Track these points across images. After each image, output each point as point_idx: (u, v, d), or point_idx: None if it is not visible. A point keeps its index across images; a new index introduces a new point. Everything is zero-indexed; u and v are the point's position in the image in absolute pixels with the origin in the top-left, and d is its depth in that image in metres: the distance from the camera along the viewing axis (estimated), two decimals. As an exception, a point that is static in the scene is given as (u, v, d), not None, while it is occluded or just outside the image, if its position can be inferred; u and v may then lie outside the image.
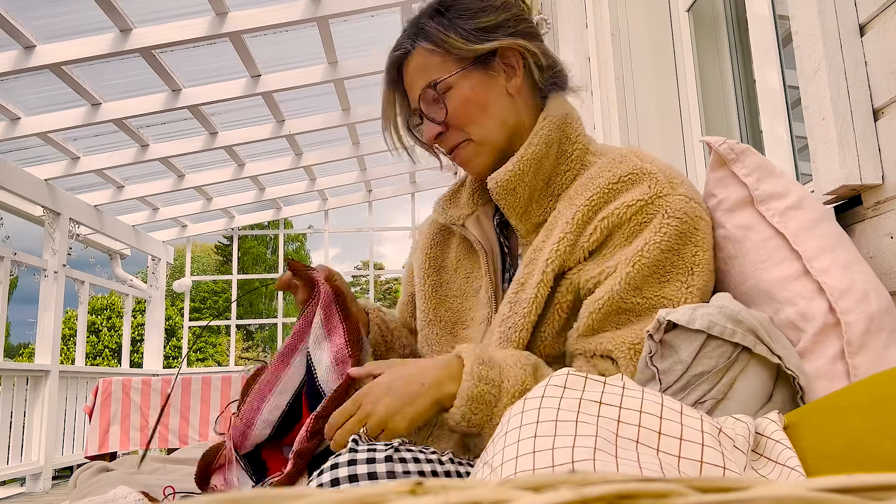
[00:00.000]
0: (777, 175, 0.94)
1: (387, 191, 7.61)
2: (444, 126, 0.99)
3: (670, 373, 0.76)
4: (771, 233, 0.90)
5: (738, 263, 0.93)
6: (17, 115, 4.32)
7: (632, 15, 2.17)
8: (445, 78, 0.97)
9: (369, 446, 0.69)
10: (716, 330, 0.74)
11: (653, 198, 0.88)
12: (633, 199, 0.89)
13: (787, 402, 0.76)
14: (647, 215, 0.88)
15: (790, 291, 0.86)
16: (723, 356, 0.73)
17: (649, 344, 0.79)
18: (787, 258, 0.88)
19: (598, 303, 0.87)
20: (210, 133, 5.14)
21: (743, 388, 0.73)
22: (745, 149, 0.96)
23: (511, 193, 0.96)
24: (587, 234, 0.90)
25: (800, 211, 0.90)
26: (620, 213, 0.89)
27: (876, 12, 0.95)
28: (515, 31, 0.99)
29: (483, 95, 0.97)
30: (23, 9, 3.49)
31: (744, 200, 0.94)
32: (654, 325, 0.79)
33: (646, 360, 0.79)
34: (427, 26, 0.99)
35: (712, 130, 2.06)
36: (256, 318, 24.01)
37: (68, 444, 5.50)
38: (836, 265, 0.84)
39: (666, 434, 0.53)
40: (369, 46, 4.61)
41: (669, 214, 0.87)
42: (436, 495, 0.17)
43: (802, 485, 0.17)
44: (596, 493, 0.17)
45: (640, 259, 0.86)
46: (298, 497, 0.17)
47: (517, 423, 0.54)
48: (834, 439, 0.54)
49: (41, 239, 5.36)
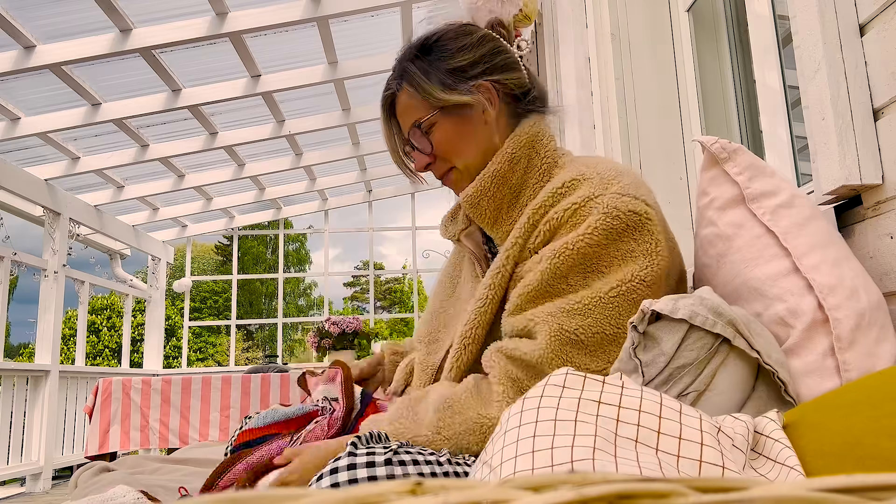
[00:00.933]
0: (768, 174, 0.95)
1: (387, 191, 7.61)
2: (432, 157, 1.11)
3: (653, 365, 0.76)
4: (761, 230, 0.91)
5: (729, 260, 0.94)
6: (17, 115, 4.32)
7: (632, 15, 2.17)
8: (428, 118, 1.08)
9: (368, 449, 0.69)
10: (698, 320, 0.74)
11: (586, 200, 0.94)
12: (570, 202, 0.95)
13: (772, 395, 0.77)
14: (581, 217, 0.94)
15: (779, 288, 0.87)
16: (703, 348, 0.74)
17: (633, 336, 0.79)
18: (777, 255, 0.89)
19: (527, 287, 0.94)
20: (210, 133, 5.14)
21: (724, 380, 0.74)
22: (736, 148, 0.97)
23: (476, 206, 1.06)
24: (534, 237, 0.98)
25: (791, 209, 0.91)
26: (559, 216, 0.96)
27: (876, 12, 0.95)
28: (492, 65, 1.08)
29: (462, 130, 1.08)
30: (23, 9, 3.49)
31: (735, 199, 0.95)
32: (637, 316, 0.79)
33: (629, 352, 0.79)
34: (409, 70, 1.10)
35: (712, 130, 2.06)
36: (257, 318, 24.02)
37: (68, 444, 5.50)
38: (826, 262, 0.84)
39: (665, 433, 0.53)
40: (369, 46, 4.61)
41: (601, 212, 0.92)
42: (436, 495, 0.17)
43: (802, 485, 0.17)
44: (596, 493, 0.17)
45: (565, 251, 0.92)
46: (298, 497, 0.17)
47: (516, 422, 0.54)
48: (833, 438, 0.54)
49: (41, 239, 5.36)
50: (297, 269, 27.01)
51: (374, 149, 6.13)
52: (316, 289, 27.99)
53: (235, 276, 7.96)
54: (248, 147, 5.53)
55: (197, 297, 23.46)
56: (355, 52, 4.60)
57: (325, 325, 4.05)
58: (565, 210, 0.95)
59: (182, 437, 4.44)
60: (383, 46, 4.64)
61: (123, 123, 4.60)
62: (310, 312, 26.53)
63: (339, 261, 33.93)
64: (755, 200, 0.93)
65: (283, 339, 10.38)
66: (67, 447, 5.48)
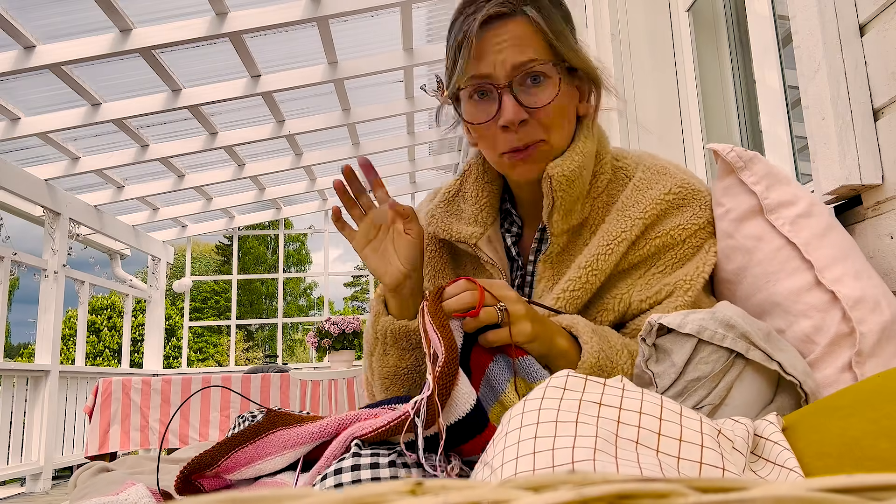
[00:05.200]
0: (785, 182, 0.92)
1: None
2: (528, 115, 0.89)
3: (664, 376, 0.76)
4: (781, 242, 0.89)
5: (750, 274, 0.91)
6: (17, 115, 4.32)
7: (632, 15, 2.17)
8: (551, 65, 0.88)
9: (372, 451, 0.69)
10: (706, 335, 0.73)
11: (705, 223, 0.95)
12: (688, 221, 0.94)
13: (792, 408, 0.75)
14: (700, 239, 0.94)
15: (803, 304, 0.84)
16: (719, 361, 0.73)
17: (643, 348, 0.79)
18: (800, 268, 0.86)
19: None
20: (210, 133, 5.14)
21: (740, 394, 0.73)
22: (752, 156, 0.94)
23: (571, 185, 0.92)
24: (637, 248, 0.94)
25: (810, 219, 0.88)
26: (675, 234, 0.93)
27: (876, 12, 0.95)
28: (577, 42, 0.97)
29: (570, 105, 0.93)
30: (23, 9, 3.49)
31: (753, 210, 0.92)
32: (645, 329, 0.79)
33: (641, 365, 0.79)
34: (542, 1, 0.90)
35: (712, 130, 2.06)
36: (257, 318, 24.02)
37: (68, 444, 5.50)
38: (848, 274, 0.83)
39: (665, 435, 0.53)
40: (369, 46, 4.62)
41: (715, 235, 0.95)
42: (436, 495, 0.17)
43: (802, 485, 0.17)
44: (596, 493, 0.17)
45: (699, 281, 0.92)
46: (299, 497, 0.17)
47: (517, 424, 0.55)
48: (832, 439, 0.54)
49: (41, 239, 5.36)
50: (297, 269, 27.03)
51: (374, 149, 6.13)
52: (316, 289, 28.01)
53: (235, 276, 7.96)
54: (248, 147, 5.53)
55: (198, 297, 23.47)
56: (355, 52, 4.60)
57: (324, 325, 4.06)
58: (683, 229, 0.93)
59: (182, 437, 4.44)
60: (383, 46, 4.64)
61: (123, 123, 4.60)
62: (310, 312, 26.54)
63: (339, 261, 33.97)
64: (774, 211, 0.90)
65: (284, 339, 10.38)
66: (67, 447, 5.48)
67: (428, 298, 0.78)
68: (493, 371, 0.78)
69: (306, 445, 0.79)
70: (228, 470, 0.79)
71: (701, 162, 2.04)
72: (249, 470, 0.79)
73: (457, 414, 0.68)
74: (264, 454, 0.79)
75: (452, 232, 1.02)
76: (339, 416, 0.79)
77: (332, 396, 3.86)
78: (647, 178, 0.96)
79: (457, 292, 0.78)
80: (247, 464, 0.79)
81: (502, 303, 0.78)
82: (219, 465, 0.78)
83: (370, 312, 1.03)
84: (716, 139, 2.04)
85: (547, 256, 0.98)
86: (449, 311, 0.76)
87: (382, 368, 0.99)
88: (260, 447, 0.79)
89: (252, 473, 0.80)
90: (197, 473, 0.78)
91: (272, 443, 0.79)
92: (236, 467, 0.79)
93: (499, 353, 0.79)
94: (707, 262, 0.93)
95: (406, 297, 0.95)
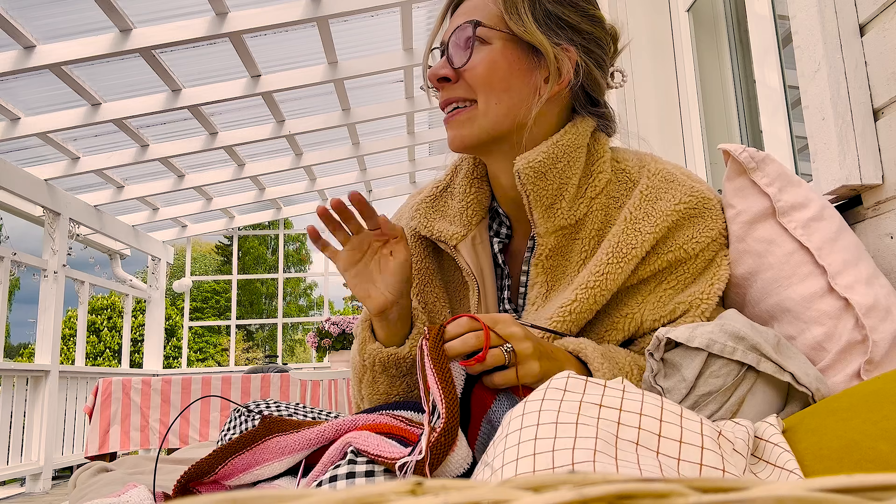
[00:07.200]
0: (797, 184, 0.90)
1: (387, 191, 7.61)
2: (456, 76, 0.90)
3: (675, 392, 0.74)
4: (794, 246, 0.86)
5: (760, 279, 0.89)
6: (17, 115, 4.32)
7: (632, 15, 2.17)
8: (490, 28, 0.89)
9: (368, 458, 0.68)
10: (715, 348, 0.72)
11: (718, 234, 0.92)
12: (700, 234, 0.91)
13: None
14: (712, 251, 0.92)
15: (816, 311, 0.82)
16: (730, 375, 0.71)
17: (651, 363, 0.77)
18: (812, 274, 0.84)
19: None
20: (210, 133, 5.14)
21: (752, 407, 0.71)
22: (765, 156, 0.91)
23: (541, 178, 0.89)
24: (648, 263, 0.90)
25: (822, 222, 0.86)
26: (688, 248, 0.90)
27: (876, 12, 0.95)
28: (587, 47, 0.93)
29: (512, 72, 0.89)
30: (23, 9, 3.49)
31: (765, 212, 0.89)
32: (653, 344, 0.77)
33: (649, 381, 0.77)
34: None
35: (712, 130, 2.06)
36: (257, 318, 24.02)
37: (68, 444, 5.50)
38: (860, 281, 0.81)
39: (665, 437, 0.53)
40: (369, 46, 4.62)
41: (727, 244, 0.93)
42: (436, 495, 0.17)
43: (802, 485, 0.17)
44: (596, 494, 0.17)
45: (714, 298, 0.90)
46: (299, 497, 0.17)
47: (518, 425, 0.55)
48: (831, 441, 0.54)
49: (41, 239, 5.36)
50: (297, 269, 27.02)
51: (374, 149, 6.13)
52: (316, 289, 28.01)
53: (235, 276, 7.97)
54: (248, 147, 5.54)
55: (198, 297, 23.46)
56: (355, 52, 4.60)
57: (324, 325, 4.05)
58: (697, 242, 0.90)
59: (182, 437, 4.44)
60: (383, 46, 4.64)
61: (123, 123, 4.60)
62: (310, 312, 26.54)
63: (339, 261, 33.84)
64: (786, 214, 0.88)
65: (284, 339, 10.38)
66: (67, 447, 5.48)
67: (427, 337, 0.73)
68: (495, 412, 0.74)
69: (304, 451, 0.79)
70: (226, 476, 0.79)
71: (701, 163, 2.04)
72: (247, 476, 0.79)
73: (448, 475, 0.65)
74: (262, 460, 0.79)
75: (434, 230, 0.98)
76: (336, 422, 0.79)
77: (332, 396, 3.86)
78: (655, 187, 0.92)
79: (459, 332, 0.73)
80: (244, 470, 0.79)
81: (508, 343, 0.74)
82: (216, 472, 0.78)
83: (356, 338, 0.98)
84: (716, 139, 2.04)
85: (537, 259, 0.93)
86: (453, 355, 0.72)
87: (372, 396, 0.95)
88: (257, 454, 0.79)
89: (250, 479, 0.80)
90: (195, 481, 0.78)
91: (270, 449, 0.79)
92: (234, 474, 0.79)
93: (503, 392, 0.75)
94: (720, 277, 0.90)
95: (393, 322, 0.90)
